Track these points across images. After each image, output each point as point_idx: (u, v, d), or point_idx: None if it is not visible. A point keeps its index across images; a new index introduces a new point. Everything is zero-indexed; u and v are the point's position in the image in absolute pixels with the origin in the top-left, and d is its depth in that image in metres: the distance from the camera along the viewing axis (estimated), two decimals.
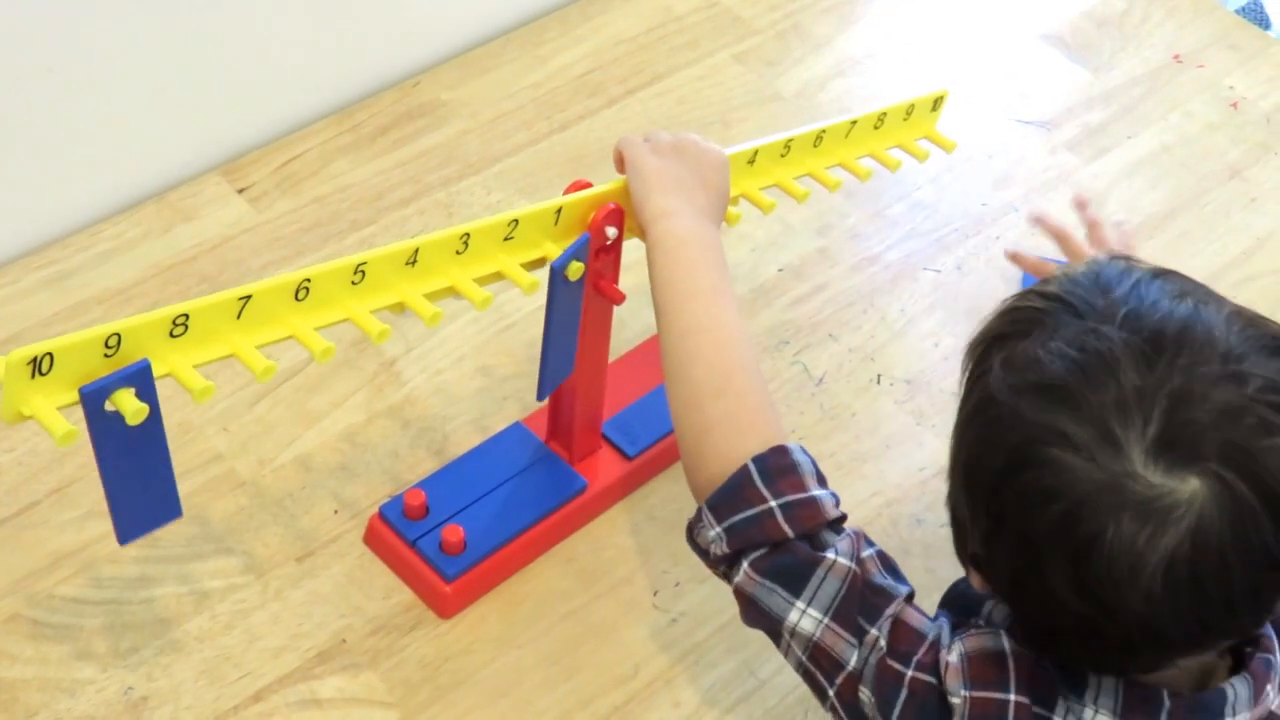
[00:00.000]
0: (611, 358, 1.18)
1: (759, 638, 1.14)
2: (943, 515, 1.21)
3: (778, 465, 0.92)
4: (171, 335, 0.89)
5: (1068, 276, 0.85)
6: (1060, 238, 1.19)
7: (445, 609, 1.12)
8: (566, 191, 1.07)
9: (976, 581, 0.86)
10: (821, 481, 0.93)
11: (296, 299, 0.94)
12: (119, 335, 0.87)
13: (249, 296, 0.91)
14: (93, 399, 0.87)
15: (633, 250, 1.11)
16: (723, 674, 1.12)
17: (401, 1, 1.49)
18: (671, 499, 1.21)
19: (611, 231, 1.06)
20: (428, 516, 1.14)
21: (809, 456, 0.94)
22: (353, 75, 1.49)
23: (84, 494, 1.17)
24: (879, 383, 1.30)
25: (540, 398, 1.10)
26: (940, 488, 1.22)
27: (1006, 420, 0.79)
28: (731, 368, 0.97)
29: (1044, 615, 0.82)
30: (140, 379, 0.88)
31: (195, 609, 1.12)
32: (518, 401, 1.25)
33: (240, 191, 1.40)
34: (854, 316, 1.35)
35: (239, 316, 0.92)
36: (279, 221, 1.37)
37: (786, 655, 0.93)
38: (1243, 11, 1.86)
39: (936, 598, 1.16)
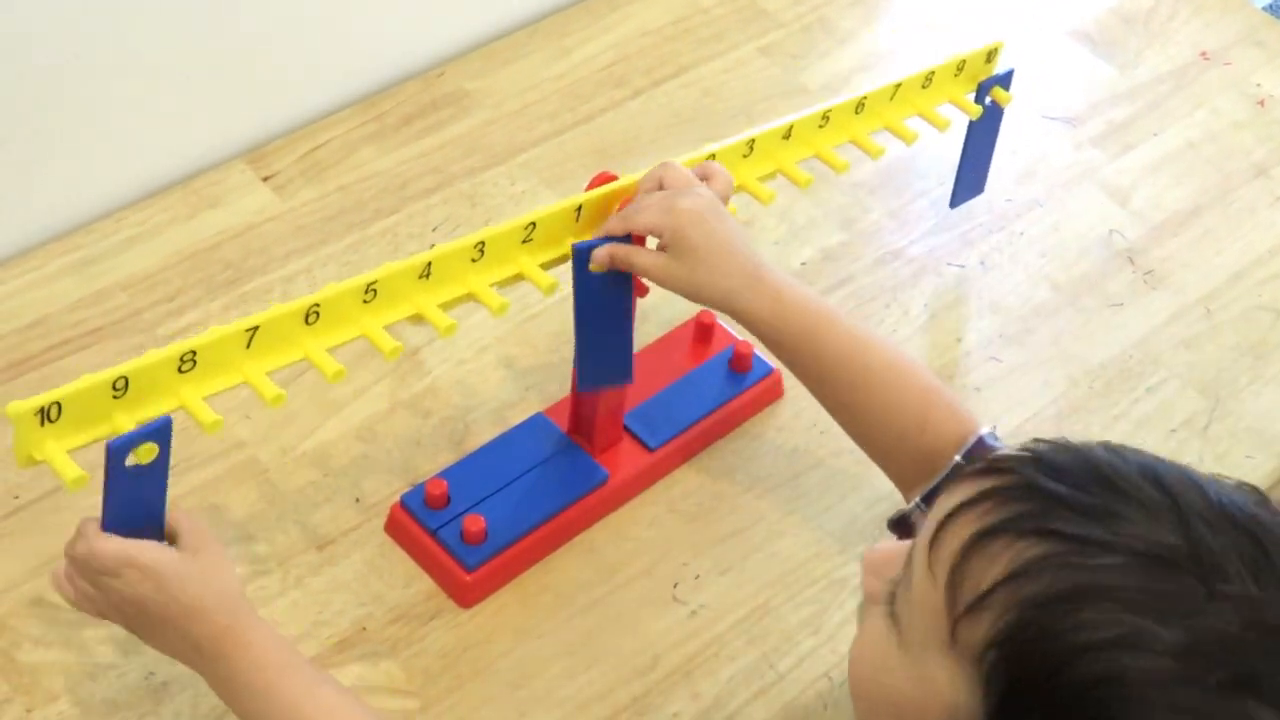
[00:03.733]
0: (635, 349, 1.18)
1: (779, 631, 1.14)
2: None
3: None
4: (180, 371, 0.90)
5: (1078, 499, 0.72)
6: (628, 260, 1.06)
7: (466, 598, 1.12)
8: (590, 184, 1.07)
9: None
10: None
11: (306, 323, 0.94)
12: (126, 378, 0.88)
13: (256, 327, 0.92)
14: (117, 454, 0.88)
15: (655, 243, 1.11)
16: (742, 666, 1.12)
17: None
18: (692, 491, 1.21)
19: None
20: (449, 506, 1.14)
21: None
22: (377, 64, 1.50)
23: None
24: None
25: (580, 389, 1.10)
26: None
27: None
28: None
29: None
30: (160, 435, 0.89)
31: None
32: (539, 392, 1.25)
33: (265, 179, 1.40)
34: (877, 311, 1.35)
35: (248, 346, 0.92)
36: (303, 210, 1.38)
37: None
38: (1271, 9, 1.86)
39: None
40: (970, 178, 1.37)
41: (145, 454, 0.88)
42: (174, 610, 0.91)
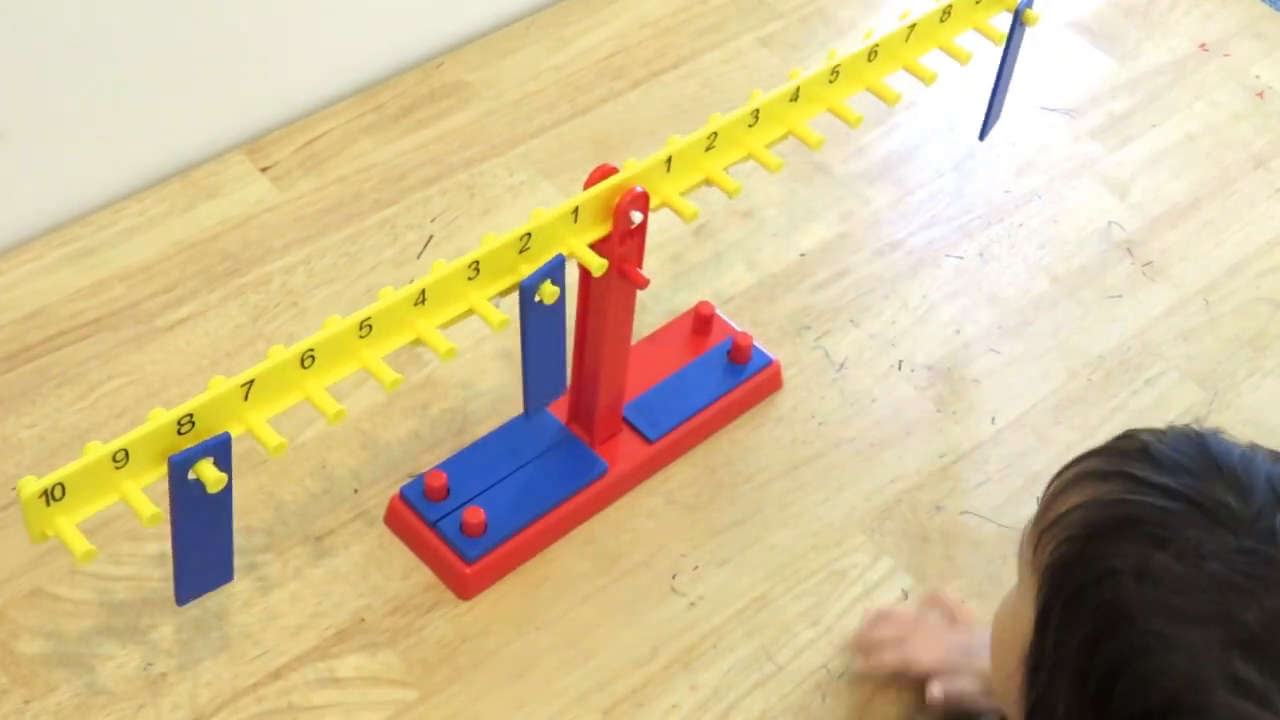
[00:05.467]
0: (633, 340, 1.18)
1: (777, 622, 1.14)
2: (961, 503, 1.21)
3: None
4: (180, 434, 0.91)
5: (1169, 456, 0.78)
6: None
7: (465, 590, 1.13)
8: (590, 177, 1.06)
9: None
10: None
11: (303, 367, 0.95)
12: (125, 450, 0.89)
13: (252, 381, 0.93)
14: (178, 469, 0.90)
15: (655, 234, 1.11)
16: (740, 658, 1.12)
17: None
18: (691, 482, 1.21)
19: (636, 216, 1.05)
20: (449, 498, 1.14)
21: None
22: (375, 55, 1.49)
23: None
24: (900, 369, 1.30)
25: (529, 414, 1.09)
26: (960, 474, 1.23)
27: (1161, 654, 0.73)
28: None
29: None
30: (220, 450, 0.91)
31: None
32: None
33: (263, 170, 1.40)
34: (876, 302, 1.35)
35: (246, 399, 0.93)
36: (302, 201, 1.38)
37: None
38: (1269, 0, 1.86)
39: (955, 586, 1.16)
40: (995, 108, 1.33)
41: (208, 474, 0.91)
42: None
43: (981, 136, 1.35)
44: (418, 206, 1.38)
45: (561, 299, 1.04)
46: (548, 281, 1.02)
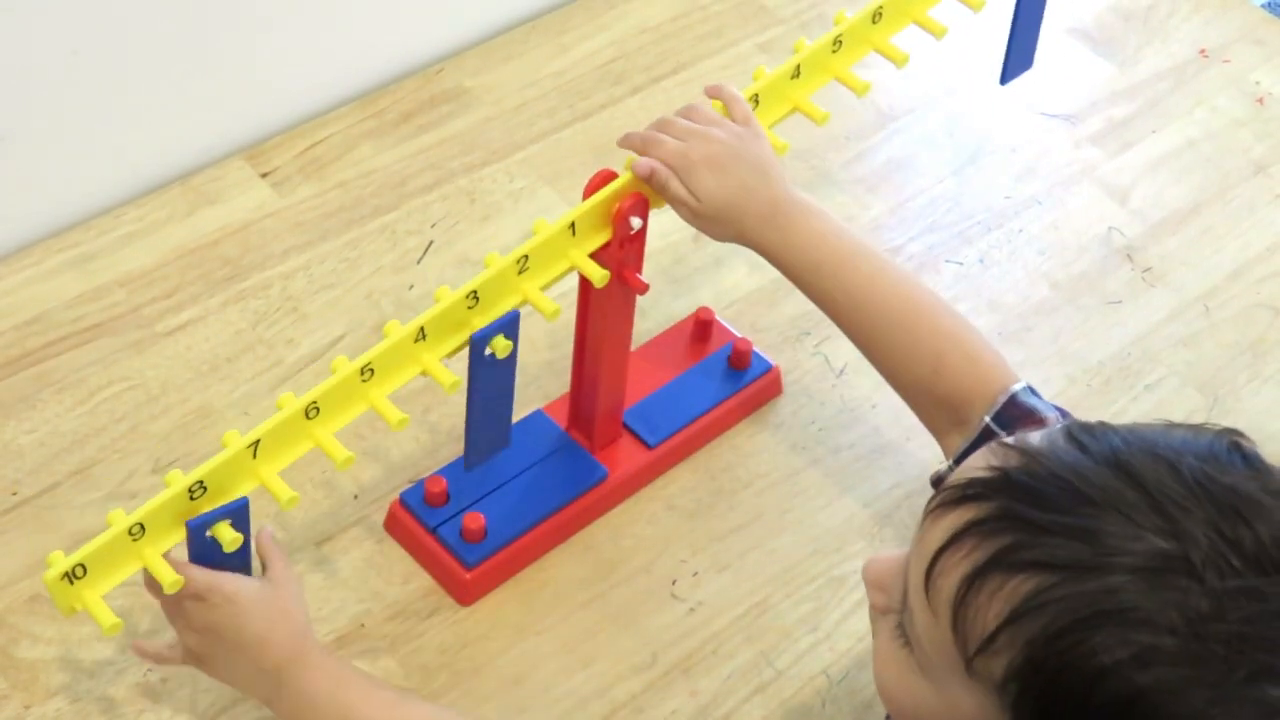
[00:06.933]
0: (633, 346, 1.18)
1: (777, 628, 1.14)
2: None
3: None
4: (191, 499, 0.93)
5: (1055, 522, 0.72)
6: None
7: (465, 596, 1.12)
8: (590, 182, 1.06)
9: None
10: None
11: (308, 418, 0.96)
12: (141, 524, 0.91)
13: (258, 440, 0.94)
14: (196, 532, 0.92)
15: (655, 239, 1.11)
16: (740, 664, 1.12)
17: None
18: (691, 488, 1.21)
19: (636, 222, 1.05)
20: (448, 504, 1.14)
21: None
22: (376, 61, 1.49)
23: (105, 476, 1.18)
24: None
25: (467, 468, 1.08)
26: None
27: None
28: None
29: None
30: (238, 514, 0.93)
31: None
32: (539, 389, 1.25)
33: (264, 176, 1.40)
34: None
35: (255, 456, 0.95)
36: (302, 206, 1.38)
37: None
38: (1269, 6, 1.86)
39: None
40: (1019, 51, 1.29)
41: (225, 535, 0.93)
42: (246, 637, 0.95)
43: (1003, 81, 1.31)
44: (418, 212, 1.38)
45: (514, 353, 1.03)
46: (500, 335, 1.01)
